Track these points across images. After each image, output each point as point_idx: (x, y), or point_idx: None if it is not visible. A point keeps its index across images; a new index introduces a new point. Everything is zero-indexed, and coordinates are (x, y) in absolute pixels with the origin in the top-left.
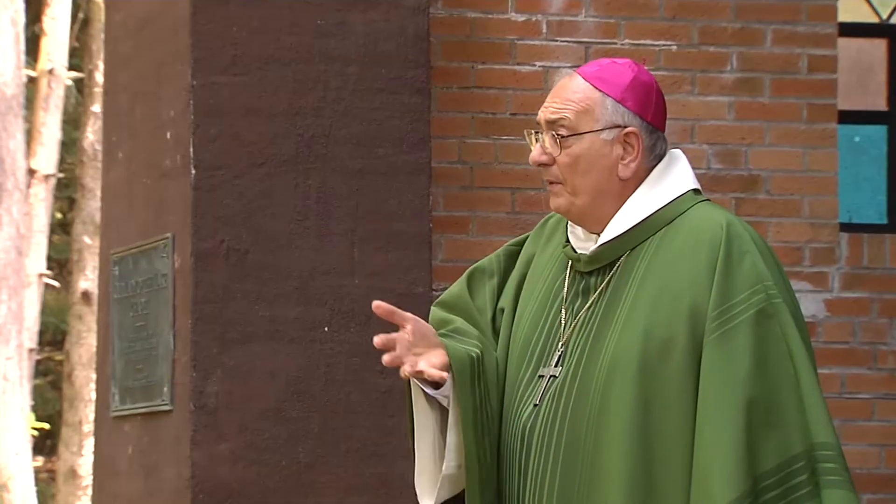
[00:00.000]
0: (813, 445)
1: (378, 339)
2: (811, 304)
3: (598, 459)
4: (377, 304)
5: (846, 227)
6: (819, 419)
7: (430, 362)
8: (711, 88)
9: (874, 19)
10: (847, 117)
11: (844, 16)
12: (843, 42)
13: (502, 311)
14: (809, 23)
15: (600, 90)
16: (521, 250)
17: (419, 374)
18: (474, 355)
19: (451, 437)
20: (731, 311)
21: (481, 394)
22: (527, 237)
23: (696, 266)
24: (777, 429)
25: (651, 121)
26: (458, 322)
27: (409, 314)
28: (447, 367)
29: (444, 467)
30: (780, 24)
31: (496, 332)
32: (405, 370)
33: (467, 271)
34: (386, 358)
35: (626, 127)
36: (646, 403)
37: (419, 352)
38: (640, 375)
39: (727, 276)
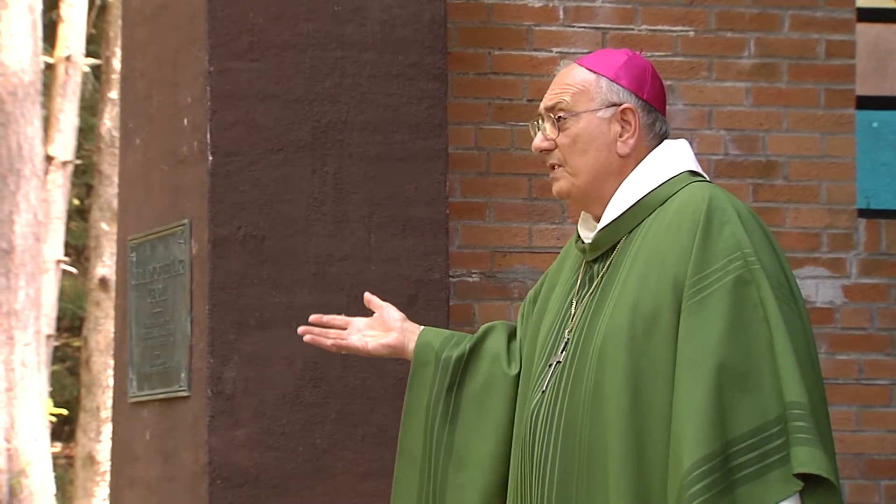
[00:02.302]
0: (785, 406)
1: (314, 317)
2: (829, 290)
3: (594, 438)
4: (366, 296)
5: (864, 213)
6: (791, 380)
7: (364, 340)
8: (729, 74)
9: (892, 4)
10: (865, 103)
11: (862, 1)
12: (861, 27)
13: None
14: (827, 8)
15: (595, 72)
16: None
17: (344, 349)
18: (447, 354)
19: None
20: (708, 279)
21: (446, 390)
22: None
23: (679, 240)
24: (751, 394)
25: (647, 99)
26: (483, 328)
27: (384, 304)
28: (397, 349)
29: None
30: (797, 9)
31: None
32: (327, 344)
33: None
34: (306, 337)
35: (621, 104)
36: (636, 378)
37: (372, 334)
38: (629, 351)
39: (705, 245)
